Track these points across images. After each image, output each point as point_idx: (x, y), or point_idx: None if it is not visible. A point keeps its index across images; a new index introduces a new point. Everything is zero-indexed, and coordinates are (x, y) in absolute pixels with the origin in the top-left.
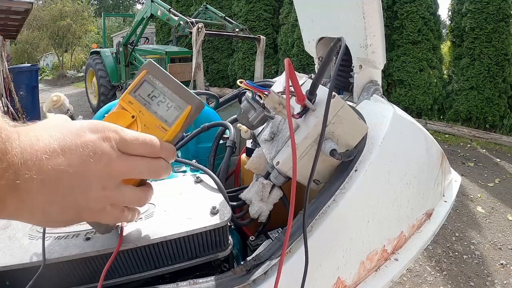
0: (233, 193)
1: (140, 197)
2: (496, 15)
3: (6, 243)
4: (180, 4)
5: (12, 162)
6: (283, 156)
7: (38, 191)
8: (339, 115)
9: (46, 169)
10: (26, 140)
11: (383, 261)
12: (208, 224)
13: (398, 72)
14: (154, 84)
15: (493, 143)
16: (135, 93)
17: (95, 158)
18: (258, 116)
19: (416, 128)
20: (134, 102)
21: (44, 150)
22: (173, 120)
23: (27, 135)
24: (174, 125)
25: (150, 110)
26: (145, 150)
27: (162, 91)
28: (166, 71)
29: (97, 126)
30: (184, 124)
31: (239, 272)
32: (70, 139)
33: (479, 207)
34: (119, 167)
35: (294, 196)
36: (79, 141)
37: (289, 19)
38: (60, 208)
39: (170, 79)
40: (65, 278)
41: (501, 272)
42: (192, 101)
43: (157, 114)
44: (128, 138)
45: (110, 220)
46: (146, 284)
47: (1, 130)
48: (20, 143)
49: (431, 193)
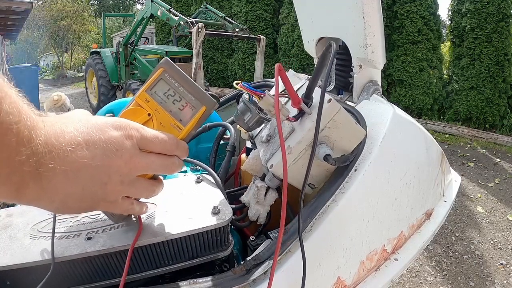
0: (233, 193)
1: (151, 191)
2: (496, 15)
3: (6, 243)
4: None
5: (36, 150)
6: (277, 159)
7: (60, 181)
8: (335, 119)
9: (70, 160)
10: (51, 131)
11: (383, 261)
12: (209, 224)
13: (398, 72)
14: (170, 83)
15: (493, 143)
16: (151, 90)
17: (118, 154)
18: (253, 118)
19: (416, 128)
20: (150, 100)
21: (69, 142)
22: (188, 119)
23: (52, 126)
24: (188, 124)
25: (166, 108)
26: (163, 148)
27: (178, 90)
28: (181, 70)
29: (120, 123)
30: (197, 123)
31: (239, 272)
32: (95, 134)
33: (479, 207)
34: (138, 164)
35: (285, 200)
36: (103, 136)
37: (289, 19)
38: (78, 197)
39: (186, 78)
40: (66, 278)
41: (501, 272)
42: (207, 102)
43: (172, 113)
44: (149, 136)
45: (120, 211)
46: (146, 284)
47: (27, 118)
48: (46, 132)
49: (431, 193)
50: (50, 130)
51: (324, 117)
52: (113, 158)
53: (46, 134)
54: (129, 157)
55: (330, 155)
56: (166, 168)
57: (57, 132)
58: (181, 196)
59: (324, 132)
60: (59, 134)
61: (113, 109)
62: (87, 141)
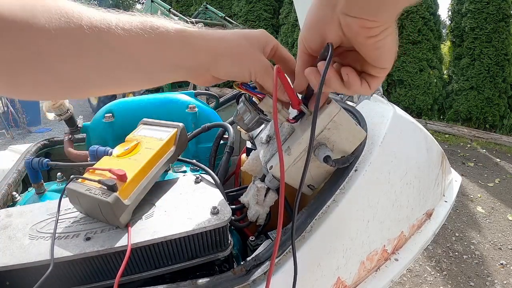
0: (233, 193)
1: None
2: (496, 15)
3: (6, 243)
4: (180, 4)
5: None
6: (277, 161)
7: (225, 60)
8: (335, 120)
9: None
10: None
11: (383, 261)
12: (208, 224)
13: (398, 72)
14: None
15: (493, 143)
16: None
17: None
18: (253, 119)
19: (416, 128)
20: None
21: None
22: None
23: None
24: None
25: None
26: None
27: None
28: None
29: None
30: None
31: (239, 272)
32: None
33: (479, 207)
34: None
35: (282, 202)
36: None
37: (289, 19)
38: (237, 69)
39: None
40: (64, 278)
41: (501, 272)
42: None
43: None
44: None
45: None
46: (146, 284)
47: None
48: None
49: (431, 193)
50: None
51: (324, 118)
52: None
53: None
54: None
55: (330, 156)
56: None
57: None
58: (180, 196)
59: (324, 133)
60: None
61: (112, 109)
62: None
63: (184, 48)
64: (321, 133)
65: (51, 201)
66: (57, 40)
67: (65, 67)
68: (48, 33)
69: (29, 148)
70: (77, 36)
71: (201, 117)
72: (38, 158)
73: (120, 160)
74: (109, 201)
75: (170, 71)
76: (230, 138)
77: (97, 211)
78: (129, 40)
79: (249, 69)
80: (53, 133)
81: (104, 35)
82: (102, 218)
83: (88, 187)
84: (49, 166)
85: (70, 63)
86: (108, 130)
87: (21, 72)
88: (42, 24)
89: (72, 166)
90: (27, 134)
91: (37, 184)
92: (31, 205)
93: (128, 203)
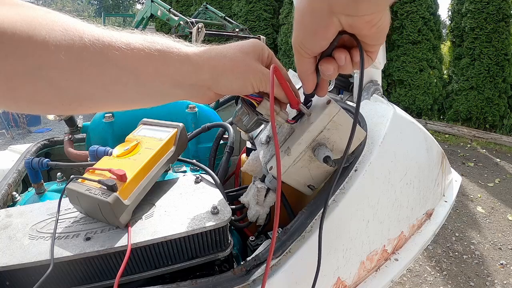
0: (233, 193)
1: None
2: (496, 15)
3: (6, 243)
4: (180, 4)
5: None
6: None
7: (227, 76)
8: (334, 120)
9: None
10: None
11: (383, 261)
12: (208, 224)
13: (398, 72)
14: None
15: (493, 143)
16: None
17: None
18: (252, 120)
19: (416, 128)
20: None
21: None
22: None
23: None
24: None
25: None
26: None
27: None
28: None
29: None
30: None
31: (238, 272)
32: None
33: (479, 207)
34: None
35: (278, 203)
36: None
37: (289, 19)
38: (240, 83)
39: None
40: (64, 278)
41: (501, 272)
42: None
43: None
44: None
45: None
46: (146, 284)
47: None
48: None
49: (431, 193)
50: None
51: (323, 119)
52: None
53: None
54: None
55: (329, 156)
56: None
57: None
58: (180, 196)
59: (323, 133)
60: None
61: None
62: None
63: (185, 65)
64: (320, 133)
65: (51, 201)
66: (58, 53)
67: (65, 80)
68: (48, 46)
69: (29, 148)
70: (78, 50)
71: (201, 117)
72: (38, 158)
73: (120, 160)
74: (109, 201)
75: (170, 88)
76: (230, 138)
77: (97, 211)
78: (130, 55)
79: (251, 82)
80: (53, 133)
81: (105, 49)
82: (102, 218)
83: (88, 187)
84: (49, 166)
85: (70, 76)
86: (108, 130)
87: (20, 85)
88: (43, 36)
89: (72, 166)
90: (27, 134)
91: (37, 184)
92: (31, 205)
93: (128, 203)
